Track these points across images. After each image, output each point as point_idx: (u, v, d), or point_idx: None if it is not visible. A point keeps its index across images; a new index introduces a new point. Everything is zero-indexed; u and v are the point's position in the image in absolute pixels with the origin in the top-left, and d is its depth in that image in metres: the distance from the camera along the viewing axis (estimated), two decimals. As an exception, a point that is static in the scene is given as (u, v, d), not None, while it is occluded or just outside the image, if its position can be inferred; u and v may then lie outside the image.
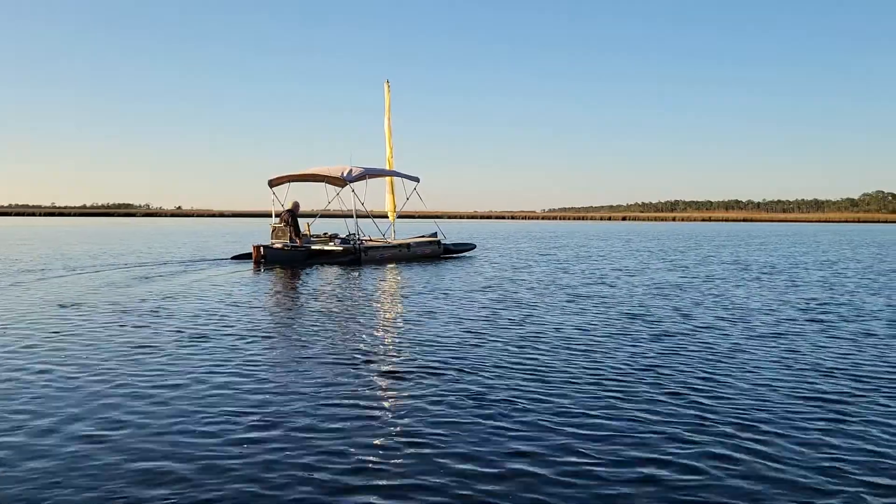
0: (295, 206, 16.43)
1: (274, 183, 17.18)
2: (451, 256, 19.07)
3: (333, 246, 16.11)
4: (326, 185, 18.48)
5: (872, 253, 23.75)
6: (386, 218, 19.75)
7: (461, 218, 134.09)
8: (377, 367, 5.52)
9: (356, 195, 16.77)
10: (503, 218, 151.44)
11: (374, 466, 3.43)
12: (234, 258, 16.73)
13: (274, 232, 16.28)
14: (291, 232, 16.10)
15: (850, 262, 18.94)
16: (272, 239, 16.25)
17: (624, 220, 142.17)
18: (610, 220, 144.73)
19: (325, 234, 17.25)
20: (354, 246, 15.96)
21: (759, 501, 3.08)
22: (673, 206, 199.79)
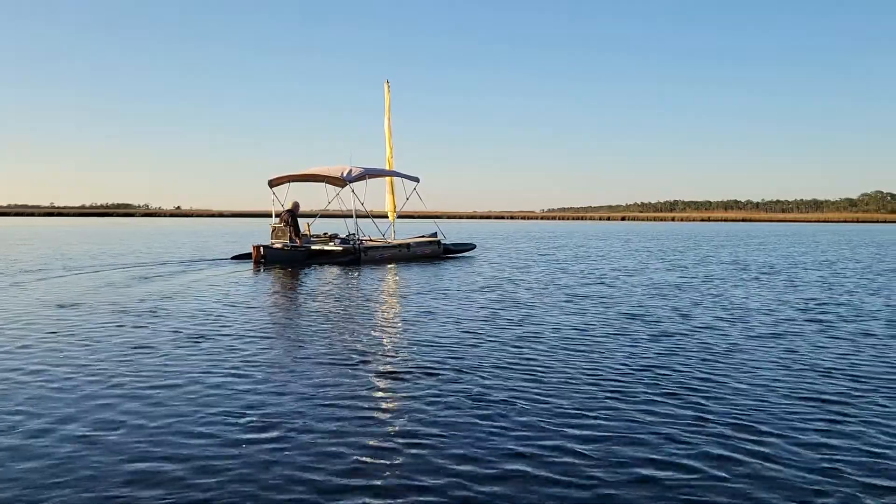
0: (295, 206, 16.44)
1: (274, 183, 17.20)
2: (450, 256, 19.09)
3: (333, 246, 16.12)
4: (326, 185, 18.49)
5: (871, 253, 23.77)
6: (386, 218, 19.77)
7: (460, 218, 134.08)
8: (375, 367, 5.53)
9: (356, 195, 16.81)
10: (502, 218, 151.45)
11: (371, 467, 3.43)
12: (234, 258, 16.74)
13: (274, 232, 16.29)
14: (291, 232, 16.11)
15: (848, 262, 18.96)
16: (272, 239, 16.27)
17: (623, 220, 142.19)
18: (609, 220, 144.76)
19: (325, 234, 17.27)
20: (354, 246, 15.97)
21: (757, 502, 3.09)
22: (672, 206, 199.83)
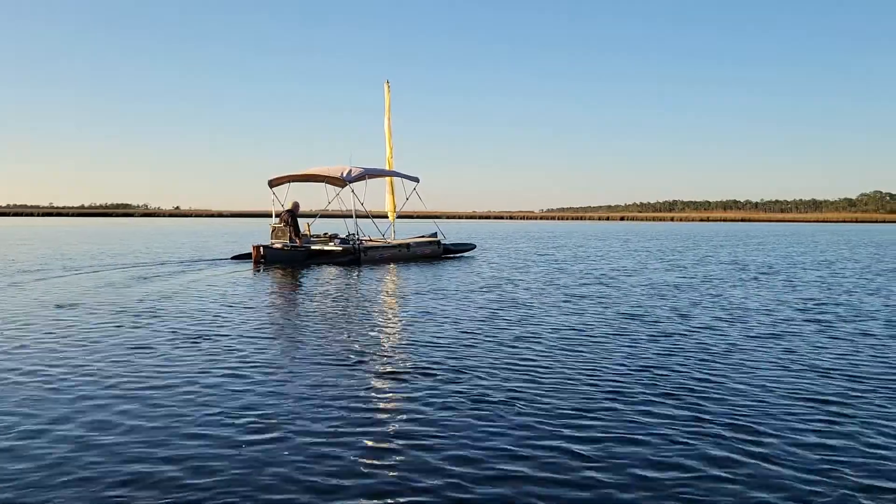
0: (295, 206, 16.46)
1: (274, 183, 17.22)
2: (450, 256, 19.11)
3: (333, 246, 16.14)
4: (326, 185, 18.51)
5: (870, 253, 23.80)
6: (386, 218, 19.79)
7: (460, 218, 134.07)
8: (374, 367, 5.53)
9: (356, 195, 16.84)
10: (501, 218, 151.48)
11: (369, 468, 3.43)
12: (234, 258, 16.76)
13: (274, 232, 16.32)
14: (291, 232, 16.13)
15: (847, 262, 18.98)
16: (272, 239, 16.29)
17: (622, 220, 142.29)
18: (608, 220, 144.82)
19: (325, 234, 17.29)
20: (354, 246, 15.99)
21: (756, 502, 3.10)
22: (671, 206, 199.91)
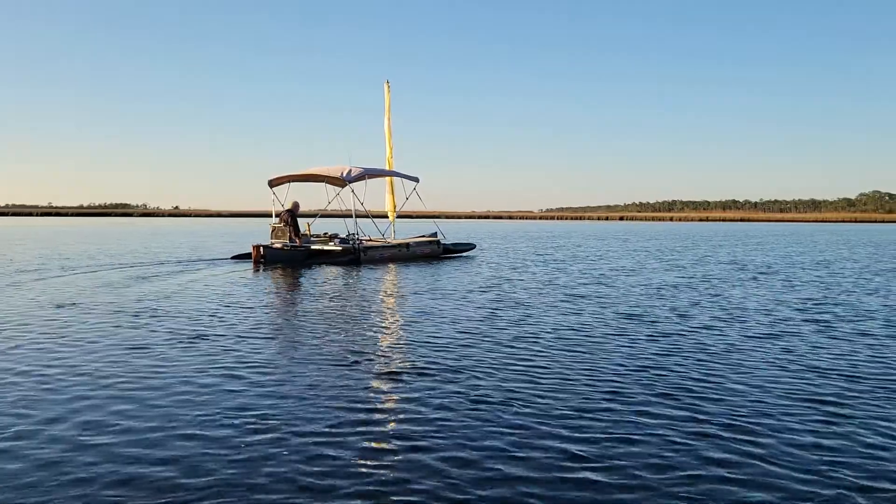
0: (295, 206, 16.48)
1: (274, 183, 17.24)
2: (450, 256, 19.12)
3: (333, 246, 16.16)
4: (326, 185, 18.53)
5: (869, 252, 23.83)
6: (386, 218, 19.81)
7: (459, 218, 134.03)
8: (372, 367, 5.54)
9: (356, 195, 16.86)
10: (501, 218, 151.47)
11: (366, 468, 3.43)
12: (233, 258, 16.78)
13: (274, 232, 16.33)
14: (291, 232, 16.15)
15: (846, 261, 19.01)
16: (272, 239, 16.30)
17: (621, 220, 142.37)
18: (607, 220, 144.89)
19: (325, 234, 17.31)
20: (354, 246, 16.01)
21: (753, 502, 3.12)
22: (670, 206, 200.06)
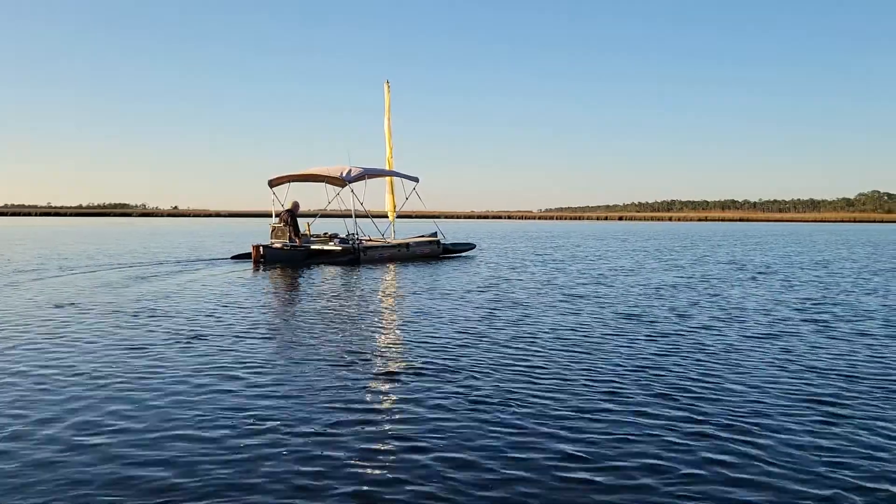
0: (294, 205, 16.50)
1: (274, 183, 17.25)
2: (449, 256, 19.14)
3: (333, 246, 16.18)
4: (326, 185, 18.55)
5: (868, 252, 23.86)
6: (386, 218, 19.83)
7: (458, 218, 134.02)
8: (370, 367, 5.54)
9: (355, 195, 16.89)
10: (500, 218, 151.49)
11: (362, 469, 3.42)
12: (233, 258, 16.79)
13: (273, 232, 16.35)
14: (291, 232, 16.16)
15: (845, 261, 19.04)
16: (272, 238, 16.33)
17: (620, 219, 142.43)
18: (606, 219, 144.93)
19: (324, 234, 17.33)
20: (353, 246, 16.03)
21: (752, 503, 3.14)
22: (669, 205, 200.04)
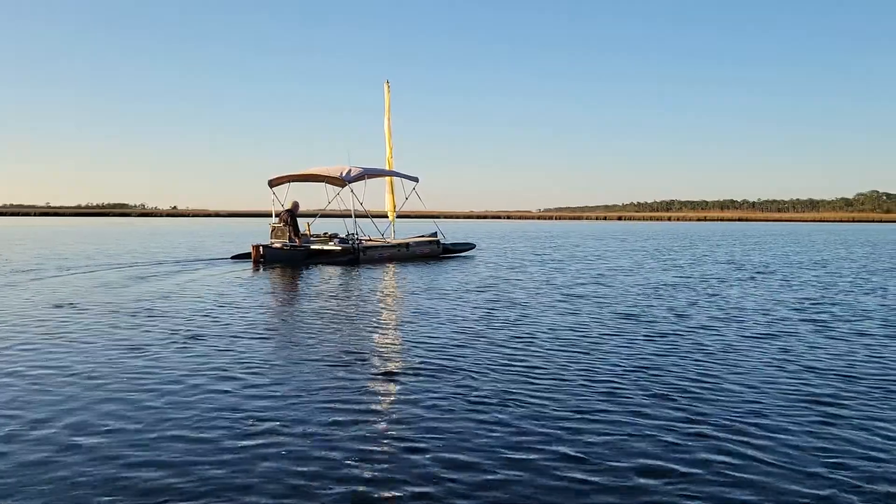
0: (294, 205, 16.51)
1: (274, 183, 17.27)
2: (449, 256, 19.15)
3: (332, 246, 16.19)
4: (326, 185, 18.55)
5: (866, 252, 23.89)
6: (385, 218, 19.84)
7: (457, 218, 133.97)
8: (368, 367, 5.54)
9: (355, 195, 16.90)
10: (499, 218, 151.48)
11: (360, 469, 3.42)
12: (233, 258, 16.80)
13: (273, 231, 16.37)
14: (291, 232, 16.18)
15: (844, 261, 19.07)
16: (271, 238, 16.34)
17: (619, 219, 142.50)
18: (605, 219, 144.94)
19: (324, 233, 17.35)
20: (353, 246, 16.05)
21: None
22: (668, 205, 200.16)
